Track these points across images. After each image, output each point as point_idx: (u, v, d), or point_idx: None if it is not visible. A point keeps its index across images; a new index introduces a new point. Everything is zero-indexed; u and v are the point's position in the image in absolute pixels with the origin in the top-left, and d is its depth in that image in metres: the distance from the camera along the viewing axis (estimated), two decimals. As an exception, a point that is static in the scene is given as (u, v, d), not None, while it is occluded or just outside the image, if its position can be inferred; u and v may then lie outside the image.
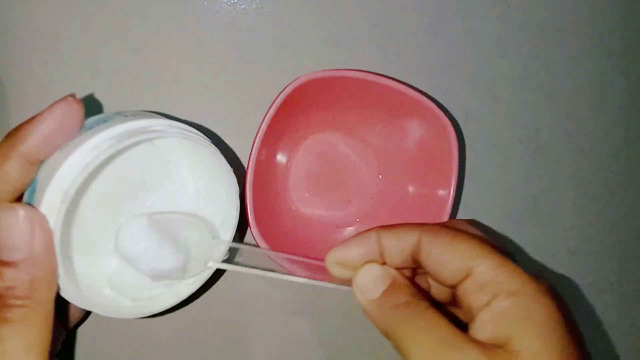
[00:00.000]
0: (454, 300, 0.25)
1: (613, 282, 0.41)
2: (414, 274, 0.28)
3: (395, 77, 0.39)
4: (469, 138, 0.40)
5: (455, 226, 0.26)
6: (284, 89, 0.31)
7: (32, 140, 0.23)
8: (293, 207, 0.38)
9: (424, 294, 0.25)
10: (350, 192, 0.38)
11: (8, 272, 0.22)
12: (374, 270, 0.25)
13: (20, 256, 0.22)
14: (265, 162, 0.34)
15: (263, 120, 0.31)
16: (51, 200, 0.22)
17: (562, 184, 0.41)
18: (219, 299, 0.38)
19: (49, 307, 0.23)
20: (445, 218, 0.34)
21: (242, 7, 0.38)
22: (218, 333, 0.38)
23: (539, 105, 0.41)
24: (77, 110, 0.24)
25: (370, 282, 0.25)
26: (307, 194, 0.38)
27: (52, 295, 0.23)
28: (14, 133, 0.24)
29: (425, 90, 0.39)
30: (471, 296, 0.23)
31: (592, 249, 0.41)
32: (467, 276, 0.23)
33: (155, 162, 0.31)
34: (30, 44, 0.37)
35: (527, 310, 0.21)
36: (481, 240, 0.24)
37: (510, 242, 0.40)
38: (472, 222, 0.28)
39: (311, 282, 0.28)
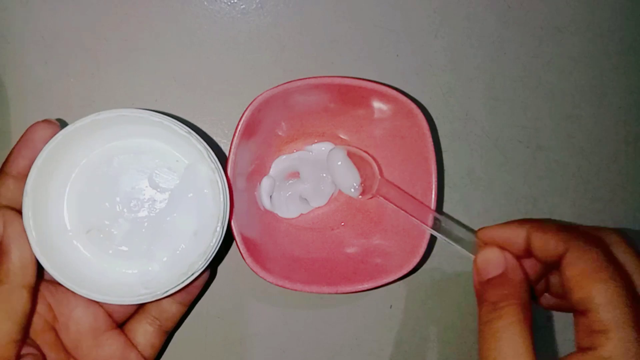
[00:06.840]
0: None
1: (613, 282, 0.41)
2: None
3: (396, 77, 0.39)
4: (470, 138, 0.40)
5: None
6: (243, 114, 0.31)
7: (20, 162, 0.28)
8: (285, 225, 0.37)
9: (526, 295, 0.25)
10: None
11: None
12: (490, 254, 0.27)
13: None
14: (244, 191, 0.34)
15: (230, 149, 0.32)
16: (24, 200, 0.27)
17: (562, 184, 0.41)
18: (219, 299, 0.38)
19: (23, 292, 0.26)
20: (431, 200, 0.33)
21: (242, 7, 0.38)
22: (218, 333, 0.38)
23: (539, 105, 0.41)
24: (53, 130, 0.28)
25: (485, 264, 0.27)
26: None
27: (25, 282, 0.26)
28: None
29: (424, 90, 0.39)
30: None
31: (592, 249, 0.41)
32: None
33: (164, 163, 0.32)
34: (30, 44, 0.37)
35: None
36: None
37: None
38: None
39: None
